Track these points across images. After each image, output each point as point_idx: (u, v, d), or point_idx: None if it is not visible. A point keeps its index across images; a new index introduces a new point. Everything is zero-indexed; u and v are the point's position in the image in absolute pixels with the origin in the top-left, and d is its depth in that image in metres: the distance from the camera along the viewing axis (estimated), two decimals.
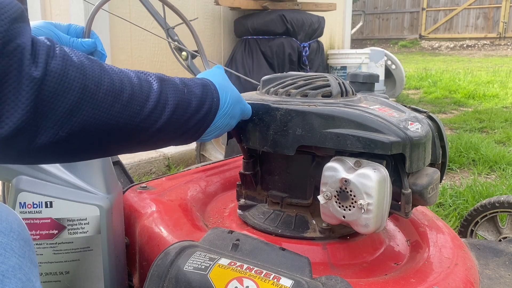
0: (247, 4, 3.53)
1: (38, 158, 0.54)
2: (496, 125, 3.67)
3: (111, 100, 0.55)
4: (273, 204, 0.92)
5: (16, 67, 0.46)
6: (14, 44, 0.46)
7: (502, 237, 1.28)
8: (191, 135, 0.71)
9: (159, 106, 0.62)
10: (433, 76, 6.88)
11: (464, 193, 2.08)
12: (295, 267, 0.66)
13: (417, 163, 0.76)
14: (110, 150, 0.62)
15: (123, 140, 0.60)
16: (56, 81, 0.49)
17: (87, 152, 0.59)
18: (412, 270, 0.81)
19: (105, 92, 0.54)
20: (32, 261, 0.51)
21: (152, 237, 0.89)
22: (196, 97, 0.69)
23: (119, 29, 2.63)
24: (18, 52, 0.46)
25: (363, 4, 14.64)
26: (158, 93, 0.62)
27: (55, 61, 0.49)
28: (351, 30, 5.75)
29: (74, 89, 0.51)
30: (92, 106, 0.53)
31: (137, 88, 0.60)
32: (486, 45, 12.76)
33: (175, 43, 1.38)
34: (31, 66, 0.47)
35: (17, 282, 0.45)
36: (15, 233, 0.50)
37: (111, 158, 0.98)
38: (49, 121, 0.50)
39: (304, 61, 3.70)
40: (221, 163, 1.25)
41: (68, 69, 0.50)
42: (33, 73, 0.47)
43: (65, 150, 0.54)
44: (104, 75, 0.55)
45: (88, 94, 0.52)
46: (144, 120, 0.60)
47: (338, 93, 0.85)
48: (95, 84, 0.53)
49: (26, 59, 0.47)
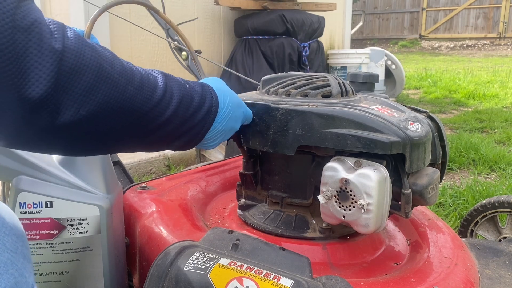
0: (247, 4, 3.53)
1: (53, 142, 0.55)
2: (496, 125, 3.67)
3: (125, 82, 0.57)
4: (273, 204, 0.92)
5: (36, 40, 0.47)
6: (30, 19, 0.47)
7: (502, 237, 1.28)
8: (195, 135, 0.70)
9: (167, 96, 0.63)
10: (433, 76, 6.88)
11: (464, 193, 2.08)
12: (295, 267, 0.66)
13: (417, 163, 0.76)
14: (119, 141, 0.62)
15: (133, 129, 0.61)
16: (74, 58, 0.50)
17: (98, 141, 0.59)
18: (412, 270, 0.81)
19: (119, 73, 0.56)
20: (25, 257, 0.51)
21: (152, 237, 0.89)
22: (197, 94, 0.70)
23: (119, 29, 2.63)
24: (36, 26, 0.47)
25: (363, 4, 14.65)
26: (164, 84, 0.64)
27: (71, 40, 0.51)
28: (351, 30, 5.75)
29: (91, 68, 0.52)
30: (108, 86, 0.54)
31: (145, 77, 0.61)
32: (486, 45, 12.77)
33: (175, 43, 1.38)
34: (51, 39, 0.48)
35: (9, 278, 0.45)
36: (7, 229, 0.50)
37: (111, 158, 0.98)
38: (70, 98, 0.51)
39: (304, 61, 3.70)
40: (221, 163, 1.25)
41: (84, 48, 0.52)
42: (54, 46, 0.48)
43: (81, 135, 0.55)
44: (115, 59, 0.57)
45: (104, 73, 0.54)
46: (154, 107, 0.61)
47: (338, 93, 0.85)
48: (109, 65, 0.55)
49: (46, 33, 0.48)
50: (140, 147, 0.67)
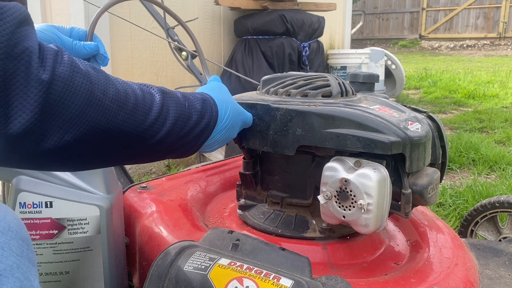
0: (247, 4, 3.52)
1: (42, 164, 0.54)
2: (496, 125, 3.67)
3: (116, 108, 0.56)
4: (273, 204, 0.92)
5: (24, 69, 0.46)
6: (22, 47, 0.46)
7: (502, 237, 1.28)
8: (189, 148, 0.71)
9: (161, 118, 0.63)
10: (433, 76, 6.88)
11: (464, 193, 2.08)
12: (295, 267, 0.66)
13: (417, 163, 0.76)
14: (110, 159, 0.62)
15: (124, 149, 0.60)
16: (64, 86, 0.49)
17: (90, 161, 0.59)
18: (412, 270, 0.81)
19: (111, 100, 0.55)
20: (31, 260, 0.51)
21: (152, 237, 0.89)
22: (196, 111, 0.69)
23: (119, 29, 2.63)
24: (26, 55, 0.46)
25: (363, 4, 14.64)
26: (160, 105, 0.63)
27: (62, 66, 0.50)
28: (351, 30, 5.75)
29: (81, 95, 0.51)
30: (98, 113, 0.53)
31: (141, 99, 0.60)
32: (486, 45, 12.76)
33: (175, 43, 1.38)
34: (39, 69, 0.47)
35: (15, 282, 0.45)
36: (13, 232, 0.50)
37: None
38: (56, 124, 0.50)
39: (304, 61, 3.70)
40: (221, 163, 1.25)
41: (76, 75, 0.51)
42: (41, 76, 0.47)
43: (69, 156, 0.54)
44: (109, 84, 0.56)
45: (94, 100, 0.53)
46: (146, 130, 0.61)
47: (338, 93, 0.85)
48: (101, 92, 0.54)
49: (34, 62, 0.47)
50: (133, 162, 0.67)
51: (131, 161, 0.66)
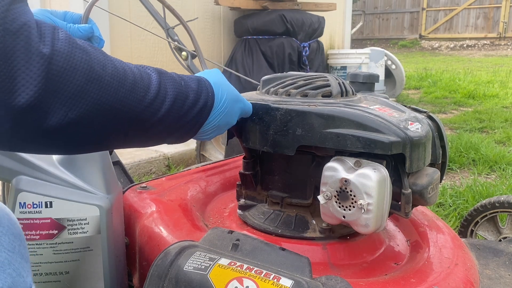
0: (247, 4, 3.53)
1: (45, 144, 0.54)
2: (496, 125, 3.67)
3: (116, 84, 0.56)
4: (273, 204, 0.92)
5: (23, 44, 0.46)
6: (20, 22, 0.46)
7: (502, 237, 1.28)
8: (188, 130, 0.70)
9: (160, 96, 0.63)
10: (433, 76, 6.88)
11: (464, 193, 2.08)
12: (295, 267, 0.66)
13: (417, 163, 0.76)
14: (113, 140, 0.62)
15: (125, 129, 0.60)
16: (64, 60, 0.50)
17: (92, 141, 0.58)
18: (412, 270, 0.81)
19: (110, 75, 0.55)
20: (23, 256, 0.51)
21: (152, 237, 0.89)
22: (192, 91, 0.69)
23: (119, 29, 2.63)
24: (25, 30, 0.47)
25: (363, 4, 14.64)
26: (157, 83, 0.63)
27: (61, 42, 0.50)
28: (351, 30, 5.75)
29: (82, 70, 0.51)
30: (99, 89, 0.53)
31: (138, 76, 0.60)
32: (486, 45, 12.76)
33: (175, 43, 1.38)
34: (39, 44, 0.48)
35: (6, 278, 0.45)
36: (4, 228, 0.49)
37: (111, 158, 0.98)
38: (59, 101, 0.50)
39: (304, 61, 3.70)
40: (221, 163, 1.25)
41: (74, 50, 0.51)
42: (42, 50, 0.48)
43: (73, 136, 0.54)
44: (107, 60, 0.56)
45: (94, 76, 0.53)
46: (146, 108, 0.61)
47: (338, 93, 0.85)
48: (100, 67, 0.54)
49: (34, 36, 0.47)
50: (134, 144, 0.66)
51: (131, 143, 0.65)
